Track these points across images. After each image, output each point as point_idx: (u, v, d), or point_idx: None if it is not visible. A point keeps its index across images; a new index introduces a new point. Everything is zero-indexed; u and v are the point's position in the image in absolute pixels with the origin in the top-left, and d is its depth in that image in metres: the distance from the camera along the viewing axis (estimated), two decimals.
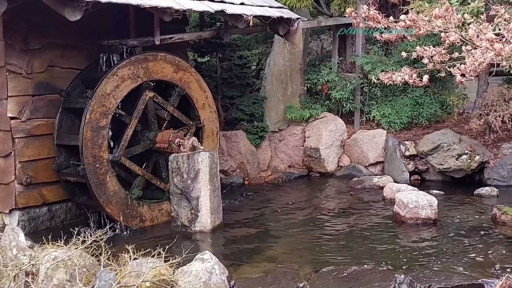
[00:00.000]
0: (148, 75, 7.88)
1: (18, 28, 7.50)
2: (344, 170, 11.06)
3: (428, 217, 7.67)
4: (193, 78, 8.48)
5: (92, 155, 7.40)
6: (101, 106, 7.45)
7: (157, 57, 7.99)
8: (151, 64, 7.89)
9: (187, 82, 8.39)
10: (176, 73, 8.22)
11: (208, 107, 8.74)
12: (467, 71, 5.04)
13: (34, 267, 5.49)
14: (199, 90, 8.60)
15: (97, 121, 7.43)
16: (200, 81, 8.61)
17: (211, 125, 8.81)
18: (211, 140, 8.82)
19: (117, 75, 7.54)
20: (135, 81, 7.74)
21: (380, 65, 11.08)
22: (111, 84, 7.50)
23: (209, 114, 8.77)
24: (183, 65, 8.34)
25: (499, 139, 10.36)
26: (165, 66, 8.09)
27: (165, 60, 8.08)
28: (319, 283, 5.65)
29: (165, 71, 8.09)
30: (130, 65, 7.66)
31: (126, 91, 7.67)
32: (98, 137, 7.44)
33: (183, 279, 5.39)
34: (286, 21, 9.37)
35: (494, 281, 5.49)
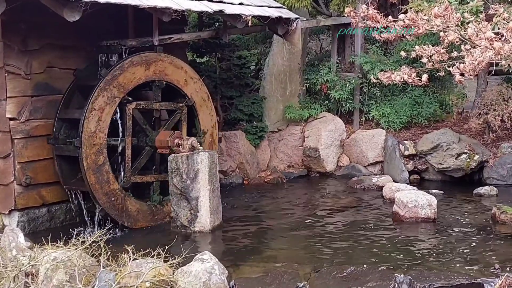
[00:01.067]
0: (122, 90, 7.59)
1: (17, 29, 7.49)
2: (343, 170, 11.07)
3: (428, 216, 7.67)
4: (167, 63, 8.10)
5: (104, 194, 7.49)
6: (92, 147, 7.35)
7: (124, 67, 7.59)
8: (121, 78, 7.55)
9: (162, 71, 8.04)
10: (148, 69, 7.87)
11: (191, 79, 8.42)
12: (466, 70, 5.04)
13: (34, 268, 5.48)
14: (176, 70, 8.23)
15: (95, 162, 7.38)
16: (174, 61, 8.22)
17: (199, 94, 8.55)
18: (205, 107, 8.65)
19: (95, 109, 7.34)
20: (113, 103, 7.52)
21: (379, 65, 11.08)
22: (93, 121, 7.32)
23: (194, 86, 8.46)
24: (152, 58, 7.92)
25: (499, 138, 10.36)
26: (135, 70, 7.72)
27: (133, 65, 7.69)
28: (319, 283, 5.65)
29: (137, 75, 7.73)
30: (102, 92, 7.38)
31: (109, 118, 7.50)
32: (102, 175, 7.45)
33: (182, 279, 5.39)
34: (285, 21, 9.36)
35: (494, 280, 5.49)
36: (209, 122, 8.75)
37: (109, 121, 7.52)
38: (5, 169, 7.61)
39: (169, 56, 8.14)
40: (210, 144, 8.76)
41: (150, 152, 8.15)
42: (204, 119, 8.68)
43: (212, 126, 8.81)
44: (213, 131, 8.83)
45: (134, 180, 7.87)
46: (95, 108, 7.36)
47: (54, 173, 7.86)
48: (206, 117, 8.69)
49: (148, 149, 8.13)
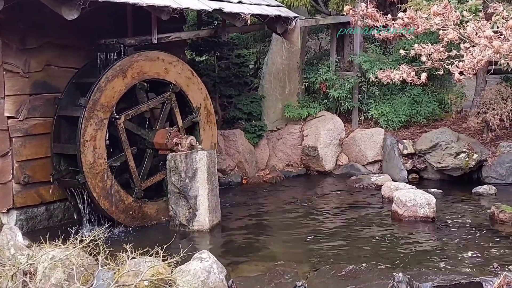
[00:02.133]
0: (107, 109, 7.47)
1: (15, 27, 7.47)
2: (342, 169, 11.07)
3: (426, 215, 7.67)
4: (141, 62, 7.80)
5: (121, 212, 7.66)
6: (96, 176, 7.39)
7: (102, 87, 7.39)
8: (102, 99, 7.40)
9: (139, 72, 7.79)
10: (125, 77, 7.64)
11: (170, 65, 8.16)
12: (466, 69, 5.04)
13: (32, 267, 5.47)
14: (153, 63, 7.98)
15: (104, 188, 7.47)
16: (149, 55, 7.92)
17: (183, 75, 8.35)
18: (192, 84, 8.50)
19: (87, 141, 7.27)
20: (103, 126, 7.46)
21: (378, 64, 11.08)
22: (89, 153, 7.30)
23: (175, 69, 8.23)
24: (126, 64, 7.63)
25: (497, 137, 10.37)
26: (114, 84, 7.51)
27: (109, 80, 7.46)
28: (317, 282, 5.64)
29: (117, 88, 7.55)
30: (88, 121, 7.28)
31: (103, 142, 7.47)
32: (114, 196, 7.56)
33: (181, 278, 5.38)
34: (284, 19, 9.35)
35: (492, 279, 5.48)
36: (200, 96, 8.63)
37: (105, 144, 7.53)
38: (3, 167, 7.59)
39: (142, 53, 7.87)
40: (207, 116, 8.73)
41: (153, 153, 8.18)
42: (194, 96, 8.56)
43: (204, 99, 8.70)
44: (206, 103, 8.72)
45: (145, 186, 7.98)
46: (87, 140, 7.31)
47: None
48: (195, 94, 8.57)
49: (149, 151, 8.16)
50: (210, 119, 8.81)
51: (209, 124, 8.80)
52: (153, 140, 8.05)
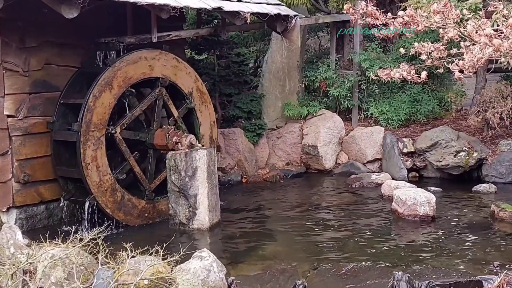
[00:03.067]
0: (102, 127, 7.44)
1: (15, 26, 7.46)
2: (342, 168, 11.06)
3: (426, 214, 7.66)
4: (124, 68, 7.62)
5: (137, 217, 7.85)
6: (105, 193, 7.49)
7: (91, 107, 7.32)
8: (94, 118, 7.35)
9: (125, 79, 7.66)
10: (112, 89, 7.52)
11: (153, 60, 7.99)
12: (466, 67, 5.02)
13: (32, 266, 5.47)
14: (137, 66, 7.80)
15: (115, 201, 7.60)
16: (130, 58, 7.73)
17: (169, 64, 8.21)
18: (180, 71, 8.35)
19: (89, 163, 7.32)
20: (101, 144, 7.46)
21: (378, 62, 11.07)
22: (93, 174, 7.36)
23: (159, 63, 8.07)
24: (110, 76, 7.49)
25: (497, 135, 10.37)
26: (103, 100, 7.42)
27: (97, 97, 7.37)
28: (317, 280, 5.64)
29: (106, 102, 7.47)
30: (86, 144, 7.29)
31: (105, 158, 7.51)
32: (126, 205, 7.75)
33: (181, 277, 5.38)
34: (283, 18, 9.35)
35: (493, 277, 5.48)
36: (190, 80, 8.53)
37: (106, 160, 7.55)
38: (3, 166, 7.58)
39: (123, 59, 7.65)
40: (201, 97, 8.66)
41: (155, 153, 8.21)
42: (184, 83, 8.46)
43: (194, 81, 8.58)
44: (197, 85, 8.60)
45: (154, 186, 8.05)
46: (89, 162, 7.34)
47: (52, 170, 7.85)
48: (185, 80, 8.46)
49: (151, 151, 8.19)
50: (204, 99, 8.73)
51: (204, 104, 8.73)
52: (153, 142, 8.07)
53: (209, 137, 8.86)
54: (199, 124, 8.65)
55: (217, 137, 9.04)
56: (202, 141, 8.65)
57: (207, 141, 8.80)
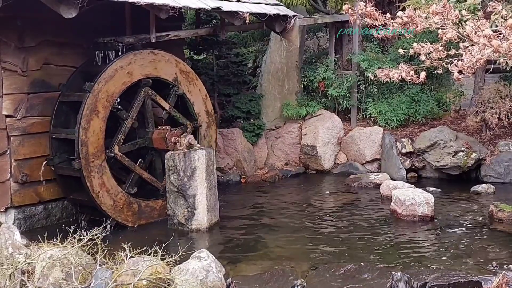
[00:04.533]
0: (99, 153, 7.47)
1: (14, 26, 7.46)
2: (340, 168, 11.07)
3: (425, 214, 7.67)
4: (104, 83, 7.50)
5: (158, 216, 8.04)
6: (122, 211, 7.67)
7: (83, 137, 7.30)
8: (90, 148, 7.36)
9: (108, 96, 7.54)
10: (98, 112, 7.44)
11: (130, 66, 7.79)
12: (464, 68, 5.03)
13: (30, 266, 5.46)
14: (117, 78, 7.64)
15: (133, 214, 7.81)
16: (108, 72, 7.54)
17: (144, 63, 7.97)
18: (159, 62, 8.16)
19: (99, 191, 7.45)
20: (104, 168, 7.53)
21: (376, 63, 11.07)
22: (105, 198, 7.51)
23: (135, 66, 7.84)
24: (93, 100, 7.39)
25: (496, 136, 10.37)
26: (93, 124, 7.39)
27: (87, 127, 7.33)
28: (316, 281, 5.64)
29: (97, 128, 7.42)
30: (90, 175, 7.36)
31: (112, 180, 7.61)
32: (144, 211, 7.95)
33: (179, 277, 5.38)
34: (282, 18, 9.34)
35: (491, 278, 5.49)
36: (171, 67, 8.30)
37: (115, 181, 7.65)
38: (1, 166, 7.57)
39: (100, 79, 7.45)
40: (186, 77, 8.53)
41: (158, 152, 8.28)
42: (167, 72, 8.26)
43: (176, 66, 8.39)
44: (180, 68, 8.41)
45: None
46: (98, 191, 7.45)
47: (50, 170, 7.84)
48: (166, 69, 8.25)
49: (153, 153, 8.30)
50: (190, 78, 8.56)
51: (192, 83, 8.60)
52: (153, 145, 8.14)
53: (204, 112, 8.80)
54: (192, 105, 8.62)
55: (212, 109, 8.97)
56: (200, 118, 8.68)
57: (204, 116, 8.79)
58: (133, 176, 8.00)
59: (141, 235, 7.43)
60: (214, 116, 9.02)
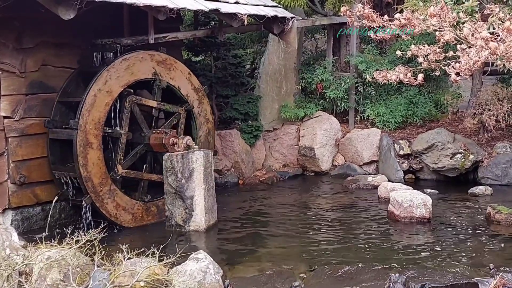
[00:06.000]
0: (104, 181, 7.57)
1: (12, 27, 7.45)
2: (338, 169, 11.07)
3: (423, 216, 7.67)
4: (89, 117, 7.42)
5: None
6: (141, 219, 7.92)
7: (87, 176, 7.38)
8: (95, 180, 7.45)
9: (94, 124, 7.48)
10: (91, 145, 7.44)
11: (107, 82, 7.59)
12: (462, 70, 5.04)
13: (28, 267, 5.45)
14: (96, 105, 7.50)
15: (154, 215, 8.08)
16: (89, 103, 7.42)
17: (119, 76, 7.73)
18: (132, 67, 7.86)
19: (114, 213, 7.65)
20: (115, 191, 7.70)
21: (374, 64, 11.09)
22: (123, 217, 7.71)
23: (110, 78, 7.62)
24: (83, 138, 7.36)
25: (493, 138, 10.39)
26: (91, 160, 7.41)
27: (86, 165, 7.39)
28: (314, 282, 5.64)
29: (95, 159, 7.45)
30: (99, 199, 7.50)
31: (124, 197, 7.79)
32: (162, 207, 8.02)
33: (177, 279, 5.37)
34: (280, 20, 9.35)
35: (489, 280, 5.50)
36: (147, 65, 8.01)
37: (126, 196, 7.82)
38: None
39: (83, 111, 7.35)
40: (164, 67, 8.23)
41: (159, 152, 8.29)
42: (144, 72, 8.00)
43: (151, 61, 8.08)
44: (156, 61, 8.13)
45: None
46: (115, 212, 7.66)
47: (48, 171, 7.84)
48: (143, 69, 7.97)
49: (157, 155, 8.31)
50: (168, 64, 8.27)
51: (171, 69, 8.29)
52: (153, 150, 8.17)
53: (192, 90, 8.59)
54: (178, 89, 8.41)
55: (199, 84, 8.76)
56: (189, 99, 8.52)
57: (192, 94, 8.58)
58: (143, 184, 8.11)
59: (139, 237, 7.43)
60: (203, 89, 8.79)
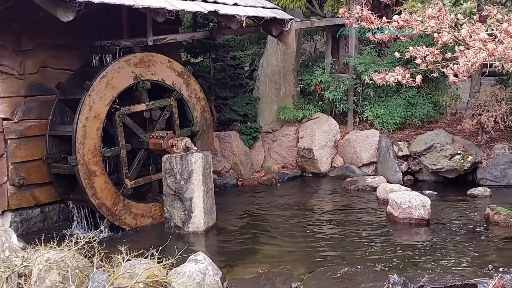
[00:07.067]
0: (116, 202, 7.71)
1: (10, 29, 7.46)
2: (337, 171, 11.07)
3: (421, 217, 7.68)
4: (87, 154, 7.47)
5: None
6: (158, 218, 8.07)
7: (93, 194, 7.47)
8: (108, 202, 7.60)
9: (94, 151, 7.54)
10: (94, 173, 7.51)
11: (95, 106, 7.51)
12: (460, 71, 5.04)
13: (27, 269, 5.46)
14: (91, 132, 7.50)
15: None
16: (86, 137, 7.44)
17: (102, 93, 7.58)
18: (112, 77, 7.67)
19: (131, 224, 7.80)
20: (130, 206, 7.86)
21: (373, 66, 11.10)
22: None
23: (98, 103, 7.53)
24: (87, 174, 7.45)
25: (492, 139, 10.40)
26: (98, 187, 7.53)
27: (95, 189, 7.50)
28: (313, 284, 5.64)
29: (102, 185, 7.58)
30: (119, 219, 7.68)
31: (140, 205, 7.99)
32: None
33: (176, 280, 5.38)
34: (279, 21, 9.38)
35: (487, 281, 5.51)
36: (126, 74, 7.76)
37: (141, 204, 7.99)
38: None
39: (78, 141, 7.34)
40: (143, 66, 7.97)
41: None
42: (125, 81, 7.78)
43: (128, 66, 7.81)
44: (134, 64, 7.87)
45: None
46: (134, 222, 7.84)
47: (47, 173, 7.84)
48: (123, 79, 7.74)
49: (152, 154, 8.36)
50: (144, 64, 7.99)
51: (147, 66, 8.05)
52: (154, 153, 8.19)
53: (176, 75, 8.37)
54: (163, 82, 8.22)
55: (181, 67, 8.51)
56: (175, 86, 8.35)
57: (177, 80, 8.37)
58: (154, 184, 8.22)
59: (138, 238, 7.44)
60: (187, 69, 8.57)
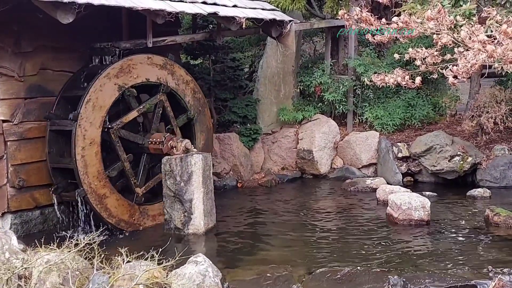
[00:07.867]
0: (119, 216, 7.78)
1: (10, 31, 7.46)
2: (337, 172, 11.08)
3: (421, 218, 7.68)
4: (90, 174, 7.47)
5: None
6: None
7: (100, 206, 7.54)
8: (119, 213, 7.71)
9: (99, 174, 7.56)
10: (105, 190, 7.60)
11: (87, 134, 7.44)
12: (460, 72, 5.05)
13: (27, 271, 5.46)
14: (91, 151, 7.49)
15: None
16: (86, 164, 7.43)
17: (98, 100, 7.54)
18: (101, 92, 7.57)
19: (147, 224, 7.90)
20: (146, 211, 8.06)
21: (372, 67, 11.11)
22: None
23: (91, 129, 7.46)
24: (99, 186, 7.53)
25: (491, 140, 10.41)
26: (109, 203, 7.63)
27: (103, 198, 7.58)
28: (313, 285, 5.64)
29: (113, 203, 7.65)
30: (134, 226, 7.85)
31: (153, 207, 8.16)
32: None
33: (176, 282, 5.38)
34: (278, 23, 9.37)
35: (487, 282, 5.51)
36: (109, 88, 7.59)
37: (155, 204, 8.16)
38: None
39: (80, 174, 7.35)
40: (123, 72, 7.74)
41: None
42: (110, 95, 7.61)
43: (110, 80, 7.61)
44: (113, 74, 7.63)
45: None
46: (151, 223, 8.03)
47: (47, 175, 7.84)
48: (107, 93, 7.57)
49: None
50: (123, 71, 7.72)
51: (126, 72, 7.74)
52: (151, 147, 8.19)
53: (159, 69, 8.14)
54: (148, 81, 8.03)
55: (162, 59, 8.26)
56: (162, 79, 8.16)
57: (162, 73, 8.16)
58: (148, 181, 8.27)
59: (138, 240, 7.44)
60: (168, 59, 8.33)
